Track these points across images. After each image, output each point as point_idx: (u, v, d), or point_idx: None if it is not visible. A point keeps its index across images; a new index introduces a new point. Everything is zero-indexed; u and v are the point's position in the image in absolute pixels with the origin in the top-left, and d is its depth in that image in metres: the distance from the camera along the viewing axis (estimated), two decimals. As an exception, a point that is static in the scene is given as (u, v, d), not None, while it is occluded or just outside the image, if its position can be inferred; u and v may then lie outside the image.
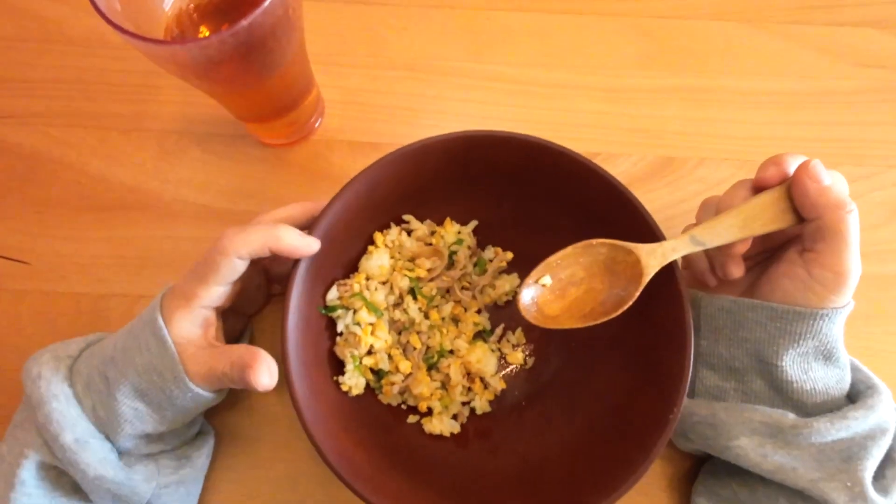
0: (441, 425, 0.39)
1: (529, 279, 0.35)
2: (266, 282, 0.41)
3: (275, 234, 0.32)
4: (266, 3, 0.30)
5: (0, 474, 0.32)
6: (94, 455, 0.31)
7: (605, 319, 0.34)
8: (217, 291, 0.33)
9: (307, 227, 0.35)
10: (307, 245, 0.33)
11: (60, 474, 0.33)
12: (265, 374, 0.31)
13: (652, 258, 0.33)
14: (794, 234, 0.35)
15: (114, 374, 0.32)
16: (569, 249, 0.35)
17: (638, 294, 0.33)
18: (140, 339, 0.32)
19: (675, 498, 0.40)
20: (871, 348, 0.44)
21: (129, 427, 0.33)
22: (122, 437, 0.33)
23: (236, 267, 0.32)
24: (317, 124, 0.48)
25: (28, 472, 0.32)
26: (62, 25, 0.50)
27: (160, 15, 0.36)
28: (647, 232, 0.35)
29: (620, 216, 0.36)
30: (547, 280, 0.35)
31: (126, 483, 0.32)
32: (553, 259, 0.35)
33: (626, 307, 0.34)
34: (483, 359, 0.40)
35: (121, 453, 0.34)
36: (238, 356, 0.32)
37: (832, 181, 0.32)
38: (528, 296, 0.35)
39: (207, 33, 0.37)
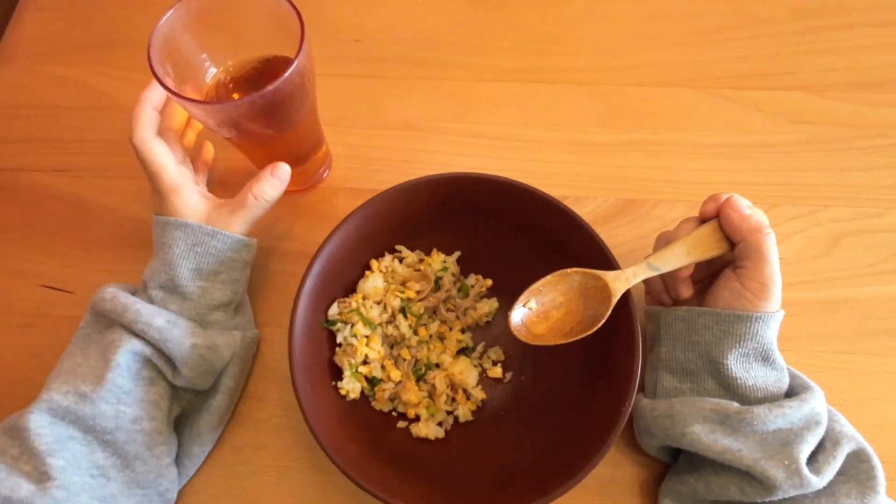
0: (427, 430, 0.43)
1: (518, 303, 0.40)
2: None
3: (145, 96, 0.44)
4: (287, 74, 0.39)
5: (85, 373, 0.39)
6: (184, 329, 0.41)
7: (584, 336, 0.39)
8: (172, 168, 0.44)
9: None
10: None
11: (142, 367, 0.41)
12: (283, 166, 0.44)
13: (618, 282, 0.39)
14: (731, 259, 0.41)
15: (171, 274, 0.43)
16: (548, 277, 0.40)
17: (609, 313, 0.39)
18: (167, 239, 0.43)
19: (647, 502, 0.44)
20: (820, 365, 0.48)
21: (203, 302, 0.43)
22: (204, 313, 0.43)
23: (156, 126, 0.44)
24: (325, 175, 0.56)
25: (123, 357, 0.39)
26: (112, 95, 0.60)
27: (202, 84, 0.45)
28: (603, 258, 0.42)
29: (582, 246, 0.43)
30: (533, 304, 0.40)
31: (212, 345, 0.42)
32: (536, 286, 0.40)
33: (599, 325, 0.39)
34: (465, 371, 0.45)
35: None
36: (256, 176, 0.45)
37: (751, 211, 0.39)
38: (518, 317, 0.40)
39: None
